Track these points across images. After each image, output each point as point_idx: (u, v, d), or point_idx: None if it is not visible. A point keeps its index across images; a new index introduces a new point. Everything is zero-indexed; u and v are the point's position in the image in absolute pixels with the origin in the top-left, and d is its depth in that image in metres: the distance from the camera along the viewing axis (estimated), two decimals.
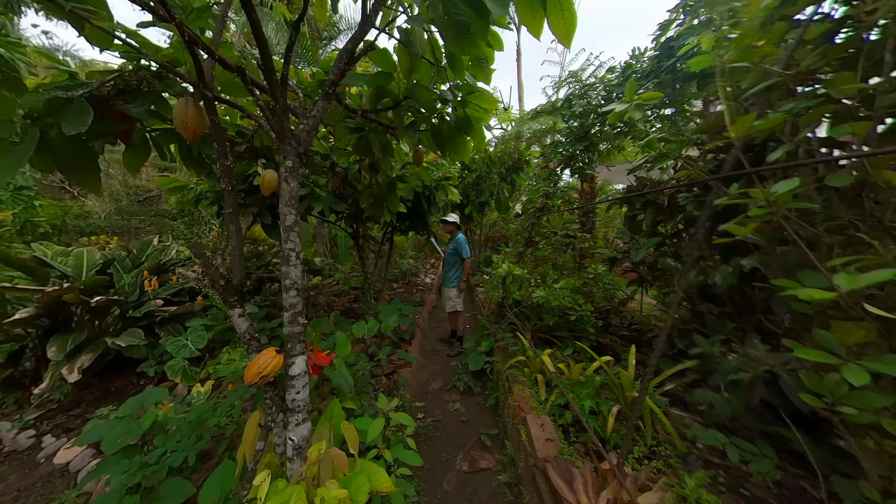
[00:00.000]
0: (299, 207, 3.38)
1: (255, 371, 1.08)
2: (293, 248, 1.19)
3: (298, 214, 1.22)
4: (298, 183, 1.21)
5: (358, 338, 3.18)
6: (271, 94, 1.10)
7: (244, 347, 1.21)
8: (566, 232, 3.30)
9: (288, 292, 1.18)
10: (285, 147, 1.16)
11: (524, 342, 2.64)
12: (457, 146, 2.05)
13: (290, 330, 1.19)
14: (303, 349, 1.21)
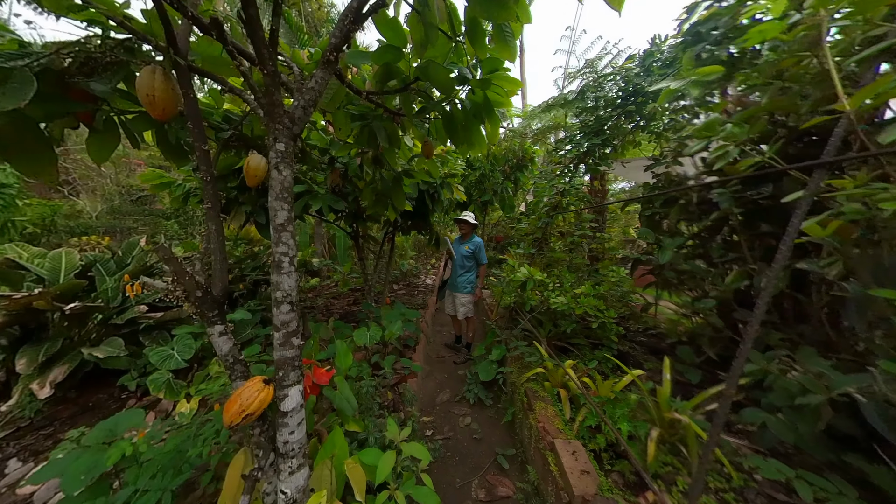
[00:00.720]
0: (296, 205, 3.15)
1: (236, 409, 0.85)
2: (286, 251, 0.96)
3: (293, 211, 1.00)
4: (293, 171, 0.99)
5: (359, 346, 2.96)
6: (257, 55, 0.87)
7: (227, 373, 0.99)
8: (583, 232, 3.09)
9: (279, 307, 0.96)
10: (276, 126, 0.94)
11: (542, 352, 2.42)
12: (472, 136, 1.83)
13: (281, 354, 0.96)
14: (298, 377, 0.98)
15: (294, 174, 1.01)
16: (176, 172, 3.06)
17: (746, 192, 1.95)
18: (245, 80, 0.93)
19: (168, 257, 0.90)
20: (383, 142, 1.88)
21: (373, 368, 2.92)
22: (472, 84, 1.50)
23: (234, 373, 1.01)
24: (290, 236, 0.98)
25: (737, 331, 2.21)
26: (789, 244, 0.85)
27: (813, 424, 1.34)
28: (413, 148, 2.53)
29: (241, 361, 1.02)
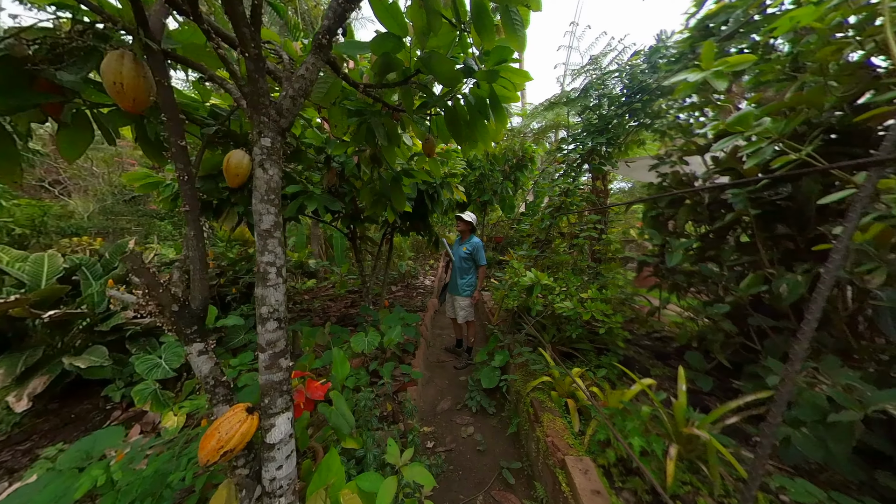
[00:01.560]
0: (290, 206, 3.03)
1: (213, 445, 0.74)
2: (272, 261, 0.85)
3: (281, 215, 0.89)
4: (281, 170, 0.88)
5: (357, 352, 2.85)
6: (237, 35, 0.76)
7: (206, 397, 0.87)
8: (588, 233, 2.99)
9: (265, 324, 0.84)
10: (260, 119, 0.83)
11: (548, 359, 2.32)
12: (477, 133, 1.72)
13: (267, 378, 0.85)
14: (287, 403, 0.87)
15: (283, 172, 0.90)
16: (165, 171, 2.93)
17: (763, 192, 1.86)
18: (225, 65, 0.82)
19: (138, 267, 0.79)
20: (382, 139, 1.77)
21: (371, 376, 2.81)
22: (478, 77, 1.39)
23: (215, 396, 0.89)
24: (277, 243, 0.87)
25: (750, 337, 2.12)
26: (845, 247, 0.76)
27: (845, 443, 1.24)
28: (413, 146, 2.42)
29: (223, 384, 0.91)
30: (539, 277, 2.34)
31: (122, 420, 2.38)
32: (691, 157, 2.74)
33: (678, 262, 2.27)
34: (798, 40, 1.63)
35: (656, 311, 2.57)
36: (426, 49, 1.35)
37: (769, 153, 1.20)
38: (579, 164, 3.16)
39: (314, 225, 9.34)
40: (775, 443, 1.62)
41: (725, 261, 2.12)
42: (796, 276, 1.71)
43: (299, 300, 6.21)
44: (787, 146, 1.19)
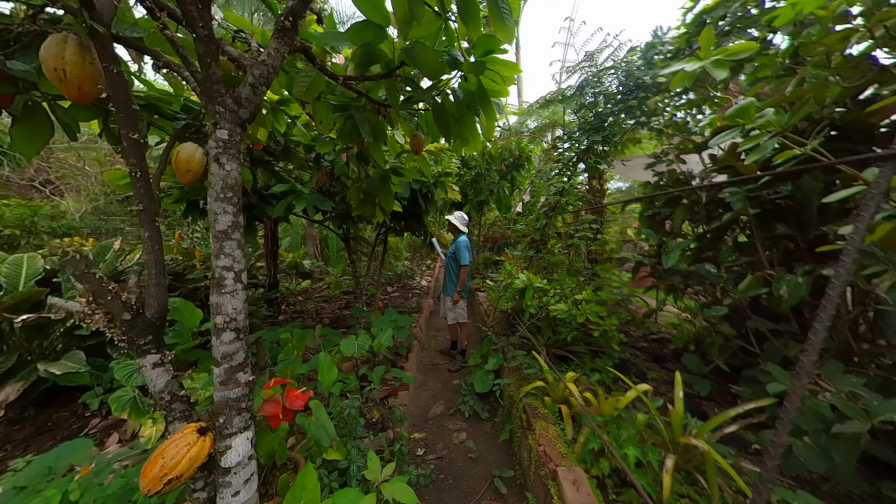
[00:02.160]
0: (278, 206, 2.94)
1: (155, 472, 0.65)
2: (230, 265, 0.78)
3: (240, 215, 0.81)
4: (241, 165, 0.81)
5: (347, 356, 2.77)
6: (182, 12, 0.68)
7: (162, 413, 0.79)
8: (583, 233, 2.93)
9: (220, 335, 0.77)
10: (215, 108, 0.75)
11: (542, 363, 2.25)
12: (466, 130, 1.65)
13: (223, 395, 0.77)
14: (245, 422, 0.80)
15: (241, 168, 0.82)
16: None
17: (762, 191, 1.80)
18: (173, 47, 0.74)
19: (81, 273, 0.72)
20: (367, 136, 1.69)
21: (361, 380, 2.74)
22: (465, 69, 1.32)
23: (171, 413, 0.81)
24: (235, 246, 0.79)
25: (748, 339, 2.06)
26: (856, 248, 0.69)
27: (851, 454, 1.18)
28: (404, 145, 2.35)
29: (181, 398, 0.83)
30: (532, 280, 2.27)
31: (100, 428, 2.29)
32: (688, 155, 2.69)
33: (675, 263, 2.21)
34: (798, 33, 1.57)
35: (653, 314, 2.51)
36: (409, 39, 1.28)
37: (771, 147, 1.14)
38: (575, 163, 3.10)
39: (309, 225, 9.25)
40: None
41: (723, 262, 2.06)
42: (797, 277, 1.65)
43: (293, 301, 6.12)
44: (791, 140, 1.12)
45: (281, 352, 2.92)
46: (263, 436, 1.36)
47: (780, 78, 2.04)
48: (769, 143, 1.14)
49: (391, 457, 1.85)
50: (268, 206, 3.14)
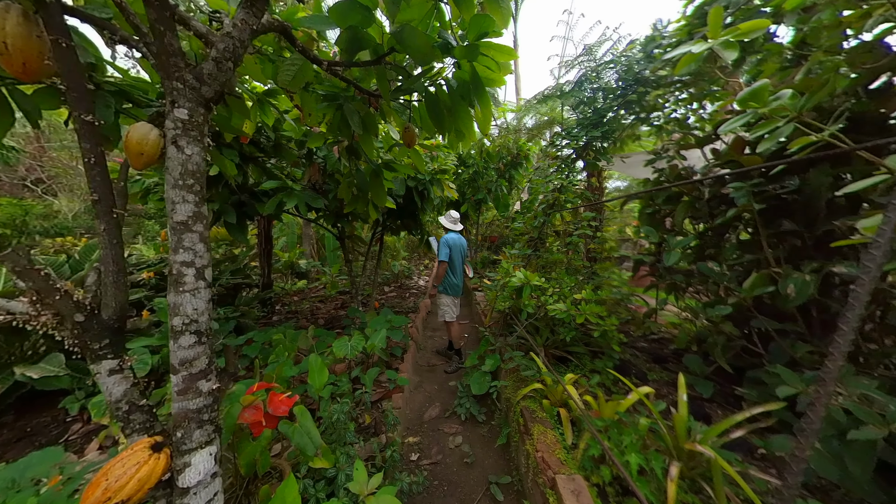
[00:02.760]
0: (268, 204, 2.86)
1: (98, 495, 0.57)
2: (190, 260, 0.70)
3: (203, 205, 0.73)
4: (204, 150, 0.73)
5: (339, 357, 2.69)
6: None
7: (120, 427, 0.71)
8: (582, 231, 2.86)
9: (178, 339, 0.68)
10: (172, 85, 0.67)
11: (540, 365, 2.18)
12: (460, 121, 1.58)
13: (181, 406, 0.69)
14: (208, 436, 0.71)
15: (205, 153, 0.74)
16: None
17: (768, 186, 1.74)
18: (123, 15, 0.66)
19: (23, 269, 0.63)
20: (357, 128, 1.61)
21: (354, 383, 2.66)
22: (457, 54, 1.24)
23: (129, 426, 0.73)
24: (197, 239, 0.71)
25: (752, 340, 2.00)
26: (887, 242, 0.62)
27: (866, 462, 1.11)
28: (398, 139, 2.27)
29: (142, 408, 0.74)
30: (529, 278, 2.20)
31: (81, 434, 2.20)
32: (690, 151, 2.63)
33: (676, 261, 2.14)
34: (806, 19, 1.51)
35: (653, 313, 2.44)
36: (398, 22, 1.21)
37: (787, 133, 1.07)
38: (574, 160, 3.03)
39: (306, 225, 9.15)
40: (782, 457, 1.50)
41: (726, 260, 2.00)
42: (804, 275, 1.59)
43: (288, 301, 6.03)
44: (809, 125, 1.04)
45: (272, 353, 2.84)
46: (245, 444, 1.28)
47: (786, 70, 1.97)
48: (785, 128, 1.07)
49: (383, 463, 1.78)
50: (259, 204, 3.06)
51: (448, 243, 3.21)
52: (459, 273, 3.35)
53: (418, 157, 1.97)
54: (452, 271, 3.29)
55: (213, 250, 6.30)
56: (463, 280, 3.42)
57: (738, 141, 1.80)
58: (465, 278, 3.50)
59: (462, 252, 3.36)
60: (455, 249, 3.25)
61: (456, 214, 3.49)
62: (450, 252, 3.21)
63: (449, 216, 3.41)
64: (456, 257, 3.26)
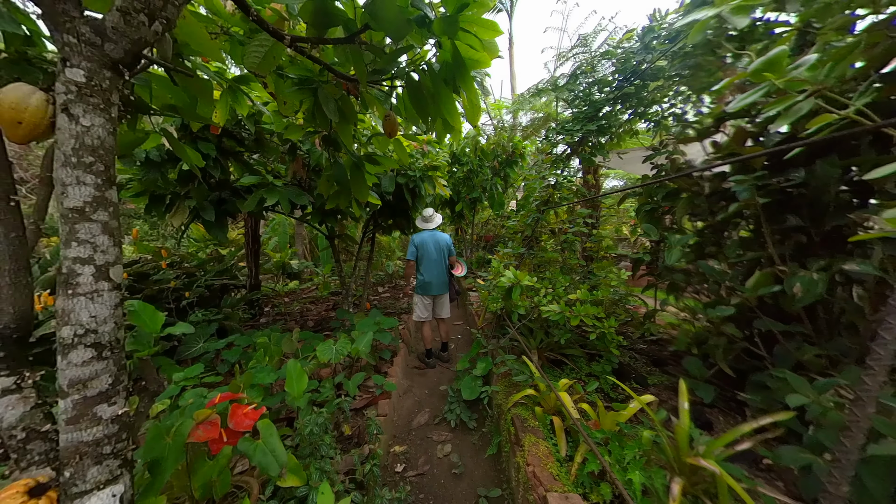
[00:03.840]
0: (249, 201, 2.72)
1: None
2: (88, 257, 0.57)
3: (111, 188, 0.60)
4: (111, 123, 0.60)
5: (324, 362, 2.56)
6: None
7: (11, 459, 0.58)
8: (578, 228, 2.75)
9: (67, 355, 0.54)
10: (64, 39, 0.54)
11: (532, 369, 2.07)
12: (445, 108, 1.45)
13: (73, 438, 0.53)
14: (110, 474, 0.58)
15: (114, 127, 0.61)
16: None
17: (772, 179, 1.63)
18: None
19: None
20: (332, 115, 1.49)
21: (338, 388, 2.53)
22: (436, 29, 1.12)
23: (24, 458, 0.59)
24: (98, 230, 0.58)
25: (754, 341, 1.89)
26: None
27: (887, 480, 1.00)
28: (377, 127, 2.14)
29: (44, 436, 0.61)
30: (519, 277, 2.08)
31: None
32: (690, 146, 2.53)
33: (676, 259, 2.03)
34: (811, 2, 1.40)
35: (654, 315, 2.33)
36: None
37: (807, 109, 0.95)
38: (569, 155, 2.92)
39: (298, 225, 8.99)
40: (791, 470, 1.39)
41: (728, 258, 1.89)
42: (811, 273, 1.48)
43: (278, 303, 5.88)
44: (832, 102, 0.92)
45: (253, 358, 2.70)
46: (200, 465, 1.15)
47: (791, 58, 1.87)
48: (804, 103, 0.95)
49: (363, 477, 1.65)
50: (240, 201, 2.92)
51: (415, 242, 3.23)
52: (431, 272, 3.23)
53: (402, 150, 1.85)
54: (422, 270, 3.24)
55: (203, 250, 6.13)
56: (444, 279, 3.31)
57: (740, 132, 1.70)
58: (452, 278, 3.38)
59: (436, 249, 3.26)
60: (424, 247, 3.22)
61: (429, 212, 3.42)
62: (417, 250, 3.22)
63: (422, 216, 3.40)
64: (426, 255, 3.21)
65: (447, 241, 3.32)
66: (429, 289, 3.28)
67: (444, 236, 3.34)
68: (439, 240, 3.30)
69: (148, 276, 3.11)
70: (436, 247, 3.27)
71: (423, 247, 3.23)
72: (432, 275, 3.27)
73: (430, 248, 3.23)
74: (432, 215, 3.36)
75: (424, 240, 3.25)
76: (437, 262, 3.28)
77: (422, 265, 3.26)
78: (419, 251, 3.24)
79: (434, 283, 3.28)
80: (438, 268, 3.29)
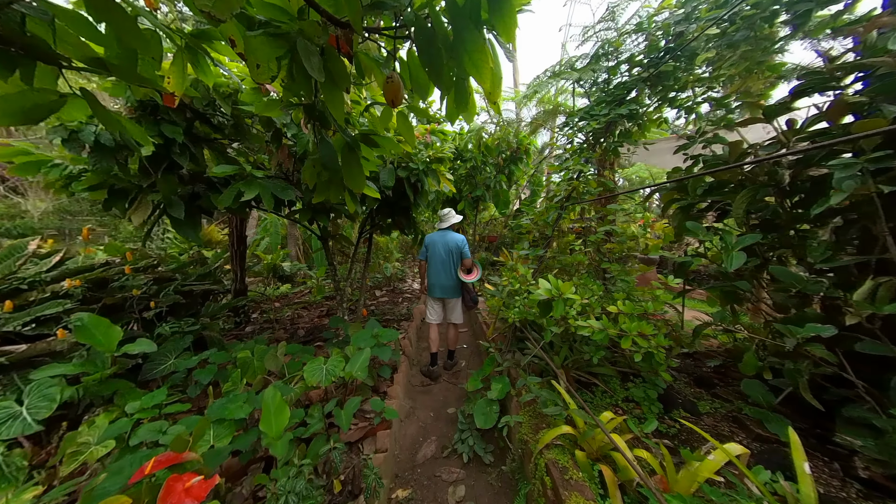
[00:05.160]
0: (225, 193, 2.31)
1: None
2: None
3: None
4: None
5: (312, 385, 2.16)
6: None
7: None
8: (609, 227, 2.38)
9: None
10: None
11: (565, 397, 1.68)
12: (469, 61, 1.07)
13: None
14: None
15: None
16: (57, 150, 2.18)
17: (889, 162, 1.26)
18: None
19: None
20: (316, 73, 1.10)
21: (329, 417, 2.13)
22: None
23: None
24: None
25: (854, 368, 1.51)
26: None
27: None
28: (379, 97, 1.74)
29: None
30: (562, 289, 1.66)
31: None
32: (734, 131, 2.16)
33: (739, 264, 1.66)
34: None
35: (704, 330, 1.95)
36: None
37: None
38: (592, 145, 2.55)
39: (291, 225, 8.55)
40: None
41: (814, 263, 1.52)
42: None
43: (267, 308, 5.45)
44: None
45: (229, 379, 2.30)
46: None
47: None
48: None
49: None
50: (215, 196, 2.51)
51: (426, 241, 3.15)
52: (438, 274, 3.04)
53: (406, 125, 1.46)
54: (430, 271, 3.11)
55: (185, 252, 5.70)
56: (452, 282, 3.05)
57: (841, 104, 1.33)
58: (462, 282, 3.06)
59: (445, 250, 3.03)
60: (433, 247, 3.06)
61: (444, 211, 3.18)
62: (426, 250, 3.12)
63: (439, 216, 3.19)
64: (433, 256, 3.06)
65: (458, 242, 3.04)
66: (435, 291, 3.09)
67: (455, 237, 3.07)
68: (449, 240, 3.04)
69: (105, 284, 2.69)
70: (445, 248, 3.03)
71: (432, 247, 3.08)
72: (439, 277, 3.05)
73: (438, 249, 3.03)
74: (446, 214, 3.14)
75: (434, 240, 3.09)
76: (444, 264, 3.03)
77: (430, 266, 3.10)
78: (428, 251, 3.11)
79: (441, 285, 3.05)
80: (446, 270, 3.04)
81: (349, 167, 1.50)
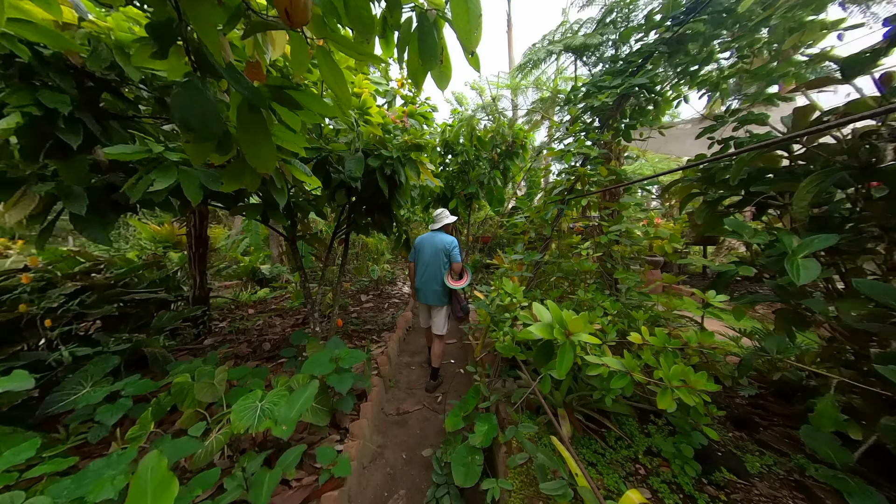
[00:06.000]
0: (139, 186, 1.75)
1: None
2: None
3: None
4: None
5: (239, 433, 1.65)
6: None
7: None
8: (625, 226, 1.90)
9: None
10: None
11: (572, 465, 1.19)
12: None
13: None
14: None
15: None
16: None
17: None
18: None
19: None
20: None
21: (268, 463, 1.62)
22: None
23: None
24: None
25: None
26: None
27: None
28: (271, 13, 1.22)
29: None
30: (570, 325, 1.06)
31: None
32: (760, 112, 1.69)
33: (813, 277, 1.17)
34: None
35: (754, 362, 1.47)
36: None
37: None
38: (607, 119, 2.07)
39: None
40: None
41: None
42: None
43: (238, 316, 4.93)
44: None
45: (138, 422, 1.79)
46: None
47: None
48: None
49: None
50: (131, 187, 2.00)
51: (415, 243, 2.98)
52: (421, 276, 2.83)
53: (336, 75, 0.96)
54: (416, 274, 2.91)
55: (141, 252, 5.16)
56: (434, 287, 2.76)
57: None
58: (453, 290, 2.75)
59: (431, 253, 2.78)
60: (420, 249, 2.87)
61: (437, 212, 2.95)
62: (415, 252, 2.95)
63: (433, 216, 3.04)
64: (420, 258, 2.87)
65: (445, 244, 2.75)
66: (420, 296, 2.89)
67: (444, 237, 2.79)
68: (437, 242, 2.78)
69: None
70: (431, 249, 2.78)
71: (420, 248, 2.90)
72: (422, 280, 2.83)
73: (424, 251, 2.83)
74: (439, 214, 2.95)
75: (423, 241, 2.91)
76: (427, 267, 2.78)
77: (416, 269, 2.93)
78: (416, 253, 2.94)
79: (422, 289, 2.80)
80: (429, 273, 2.77)
81: (251, 135, 1.00)
